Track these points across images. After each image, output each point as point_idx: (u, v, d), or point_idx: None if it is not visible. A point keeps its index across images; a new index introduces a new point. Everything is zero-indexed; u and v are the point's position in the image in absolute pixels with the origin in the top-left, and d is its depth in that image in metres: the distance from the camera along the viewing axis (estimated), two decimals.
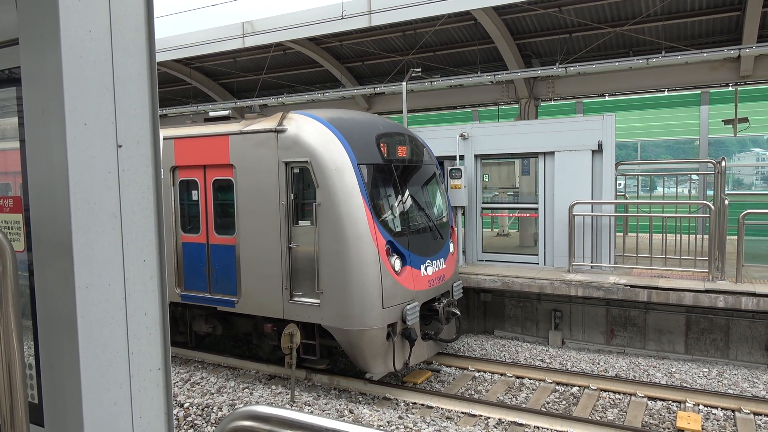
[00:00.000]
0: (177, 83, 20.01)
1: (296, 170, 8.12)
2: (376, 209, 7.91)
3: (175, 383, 8.75)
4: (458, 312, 8.94)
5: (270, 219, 8.27)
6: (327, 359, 8.66)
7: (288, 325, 7.82)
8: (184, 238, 9.40)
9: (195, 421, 7.26)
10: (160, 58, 16.04)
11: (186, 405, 7.62)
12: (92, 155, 1.24)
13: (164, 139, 9.31)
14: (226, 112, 9.68)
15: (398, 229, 8.27)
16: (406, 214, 8.62)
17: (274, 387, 8.43)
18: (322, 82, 18.23)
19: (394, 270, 7.93)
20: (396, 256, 8.03)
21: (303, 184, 8.18)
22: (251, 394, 8.15)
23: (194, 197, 9.27)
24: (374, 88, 15.15)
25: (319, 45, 15.96)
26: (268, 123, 8.38)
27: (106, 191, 1.27)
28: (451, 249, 9.47)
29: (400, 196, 8.57)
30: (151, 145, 1.37)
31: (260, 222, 8.38)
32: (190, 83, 19.37)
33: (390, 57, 15.79)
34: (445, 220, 9.50)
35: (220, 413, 7.34)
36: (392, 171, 8.50)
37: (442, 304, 8.72)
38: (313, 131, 7.99)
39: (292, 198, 8.14)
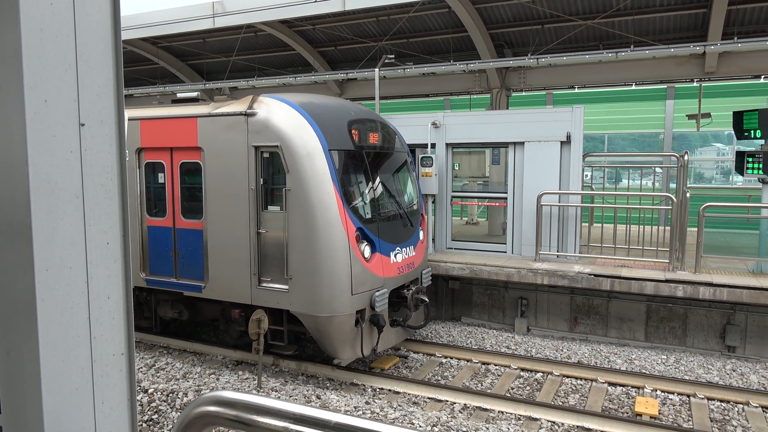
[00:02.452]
0: (144, 62, 19.48)
1: (266, 155, 8.03)
2: (346, 196, 7.88)
3: (139, 369, 8.62)
4: (427, 299, 9.02)
5: (239, 203, 8.16)
6: (295, 345, 8.65)
7: (256, 311, 7.76)
8: (149, 221, 9.22)
9: (159, 407, 7.17)
10: (125, 36, 15.57)
11: (150, 391, 7.52)
12: (53, 134, 1.20)
13: (130, 119, 9.07)
14: (194, 94, 9.47)
15: (368, 216, 8.27)
16: (377, 201, 8.62)
17: (241, 373, 8.39)
18: (293, 66, 18.00)
19: (364, 257, 7.94)
20: (366, 243, 8.04)
21: (273, 169, 8.09)
22: (218, 379, 8.09)
23: (160, 180, 9.08)
24: (347, 73, 15.05)
25: (292, 28, 15.73)
26: (238, 106, 8.24)
27: (68, 171, 1.23)
28: (421, 237, 9.53)
29: (370, 183, 8.55)
30: (115, 124, 1.33)
31: (229, 206, 8.27)
32: (157, 63, 18.88)
33: (363, 42, 15.68)
34: (415, 207, 9.54)
35: (185, 399, 7.27)
36: (363, 158, 8.47)
37: (410, 291, 8.78)
38: (284, 115, 7.90)
39: (262, 183, 8.05)
